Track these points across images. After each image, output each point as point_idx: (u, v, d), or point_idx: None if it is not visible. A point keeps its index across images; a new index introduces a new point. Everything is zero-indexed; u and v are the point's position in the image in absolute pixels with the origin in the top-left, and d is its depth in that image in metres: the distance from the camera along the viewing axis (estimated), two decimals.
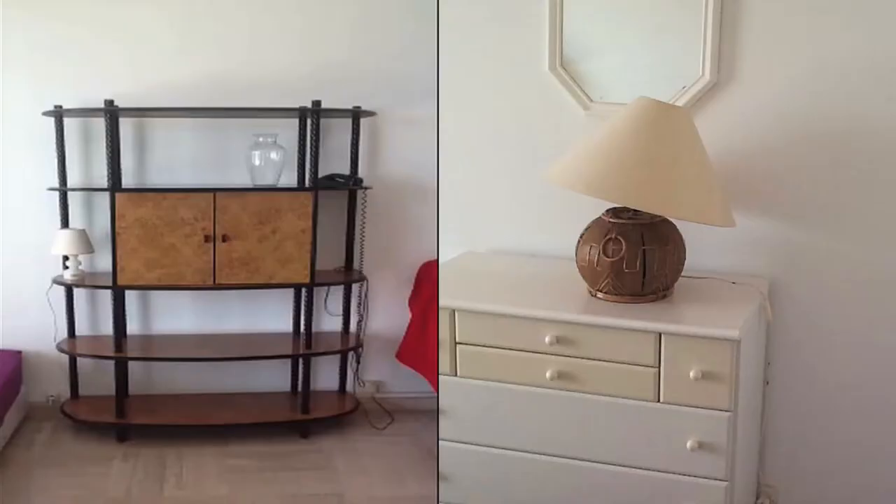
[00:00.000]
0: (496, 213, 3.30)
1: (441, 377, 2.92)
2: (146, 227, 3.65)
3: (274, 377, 4.11)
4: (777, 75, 2.89)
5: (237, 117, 3.91)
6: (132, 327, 3.96)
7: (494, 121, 3.23)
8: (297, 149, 3.79)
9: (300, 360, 3.99)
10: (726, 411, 2.65)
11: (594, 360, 2.74)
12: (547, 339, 2.75)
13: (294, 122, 3.78)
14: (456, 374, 2.90)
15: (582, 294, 2.87)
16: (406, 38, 3.86)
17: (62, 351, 3.90)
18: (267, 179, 3.84)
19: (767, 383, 3.08)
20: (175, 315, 4.08)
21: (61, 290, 3.92)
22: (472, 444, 2.93)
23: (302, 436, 3.85)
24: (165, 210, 3.65)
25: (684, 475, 2.73)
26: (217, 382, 4.07)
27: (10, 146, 3.86)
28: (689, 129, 2.71)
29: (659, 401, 2.70)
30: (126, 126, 3.84)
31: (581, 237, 2.83)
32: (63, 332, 3.97)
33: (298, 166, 3.80)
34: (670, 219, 2.78)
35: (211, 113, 3.86)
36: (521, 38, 3.13)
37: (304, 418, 3.88)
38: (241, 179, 3.87)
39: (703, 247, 2.99)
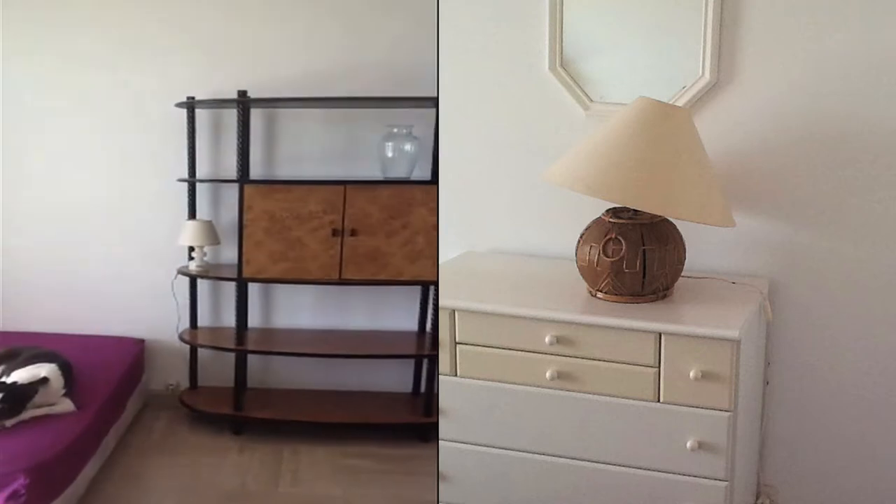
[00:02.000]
0: (496, 213, 3.30)
1: (441, 377, 2.92)
2: (273, 220, 3.60)
3: (396, 377, 3.99)
4: (777, 75, 2.88)
5: (370, 107, 3.79)
6: (253, 320, 3.95)
7: (494, 121, 3.22)
8: (431, 140, 3.65)
9: (424, 361, 3.88)
10: (726, 411, 2.65)
11: (594, 360, 2.74)
12: (547, 339, 2.75)
13: (427, 113, 3.63)
14: (456, 374, 2.89)
15: (582, 294, 2.86)
16: None
17: (184, 341, 3.91)
18: (399, 172, 3.73)
19: (767, 383, 3.08)
20: (297, 309, 4.03)
21: (185, 281, 3.93)
22: (472, 444, 2.93)
23: (422, 439, 3.71)
24: (293, 203, 3.60)
25: (684, 475, 2.73)
26: (337, 380, 4.00)
27: (143, 138, 3.88)
28: (689, 129, 2.70)
29: (659, 401, 2.70)
30: (255, 117, 3.81)
31: (581, 237, 2.83)
32: (185, 323, 3.98)
33: (433, 158, 3.65)
34: (670, 219, 2.78)
35: (344, 103, 3.75)
36: (521, 38, 3.12)
37: (425, 421, 3.72)
38: (371, 172, 3.78)
39: (703, 247, 2.99)
